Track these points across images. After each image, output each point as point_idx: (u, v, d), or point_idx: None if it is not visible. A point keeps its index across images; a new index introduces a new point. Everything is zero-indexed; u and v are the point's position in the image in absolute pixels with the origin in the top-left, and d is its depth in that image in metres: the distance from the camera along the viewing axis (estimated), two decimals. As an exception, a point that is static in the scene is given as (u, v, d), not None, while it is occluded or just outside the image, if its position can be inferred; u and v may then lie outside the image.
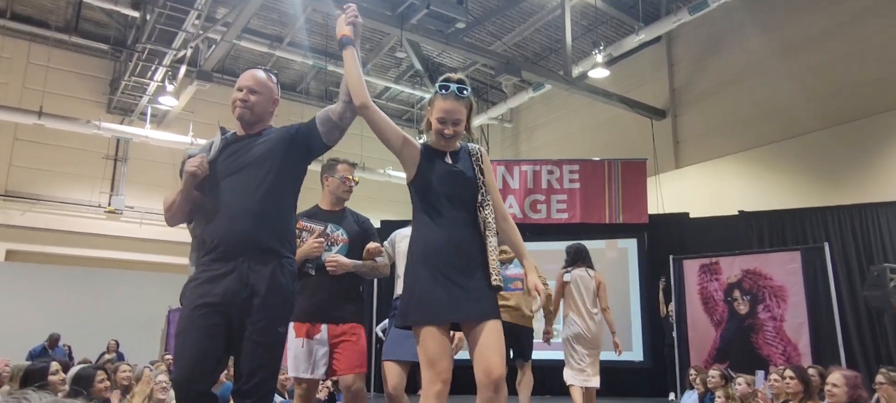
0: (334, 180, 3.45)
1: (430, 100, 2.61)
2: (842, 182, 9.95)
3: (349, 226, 3.40)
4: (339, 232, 3.36)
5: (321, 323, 3.22)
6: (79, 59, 13.83)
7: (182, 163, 2.54)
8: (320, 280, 3.22)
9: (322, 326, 3.22)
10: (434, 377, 2.31)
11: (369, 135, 11.75)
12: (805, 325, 7.62)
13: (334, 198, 3.45)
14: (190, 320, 2.24)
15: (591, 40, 12.05)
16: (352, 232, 3.38)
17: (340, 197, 3.44)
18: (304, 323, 3.21)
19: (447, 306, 2.38)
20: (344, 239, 3.36)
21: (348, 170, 3.51)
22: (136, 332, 12.47)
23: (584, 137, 14.37)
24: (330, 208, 3.46)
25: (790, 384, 4.30)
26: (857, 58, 10.06)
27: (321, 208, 3.47)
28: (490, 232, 2.52)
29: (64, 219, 13.32)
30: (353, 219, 3.48)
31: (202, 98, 13.56)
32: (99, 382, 3.65)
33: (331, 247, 3.31)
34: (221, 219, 2.37)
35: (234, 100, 2.62)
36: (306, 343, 3.17)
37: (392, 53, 14.17)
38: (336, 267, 3.21)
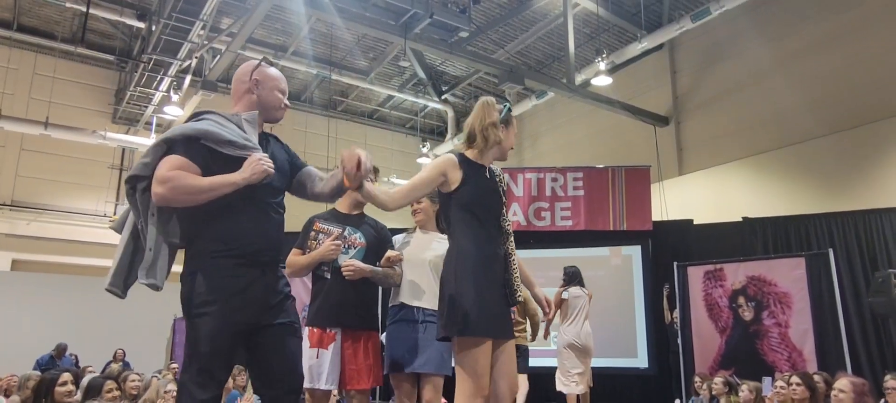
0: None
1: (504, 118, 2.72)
2: (845, 188, 9.94)
3: (367, 231, 3.32)
4: (356, 236, 3.28)
5: (336, 329, 3.13)
6: (85, 70, 13.94)
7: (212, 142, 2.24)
8: (335, 284, 3.14)
9: (336, 332, 3.13)
10: (477, 391, 2.33)
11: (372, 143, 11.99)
12: (810, 331, 7.61)
13: (353, 201, 3.34)
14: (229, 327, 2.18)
15: (594, 48, 12.10)
16: (369, 237, 3.30)
17: (359, 201, 3.30)
18: (317, 329, 3.13)
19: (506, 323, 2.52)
20: (361, 242, 3.28)
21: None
22: (142, 341, 12.50)
23: (587, 144, 14.40)
24: (348, 211, 3.37)
25: (796, 391, 4.30)
26: (859, 65, 10.08)
27: (339, 211, 3.38)
28: (512, 246, 2.64)
29: (69, 229, 13.38)
30: (371, 224, 3.39)
31: (207, 107, 13.56)
32: (107, 392, 3.66)
33: (347, 250, 3.22)
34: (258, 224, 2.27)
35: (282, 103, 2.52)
36: (320, 353, 3.08)
37: (396, 62, 14.25)
38: (354, 272, 3.12)
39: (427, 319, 3.26)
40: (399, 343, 3.25)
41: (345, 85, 15.27)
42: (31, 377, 4.85)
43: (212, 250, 2.20)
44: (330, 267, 3.15)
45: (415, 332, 3.24)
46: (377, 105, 16.84)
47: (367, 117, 17.21)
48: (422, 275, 3.33)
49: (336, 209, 3.38)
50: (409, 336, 3.24)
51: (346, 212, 3.36)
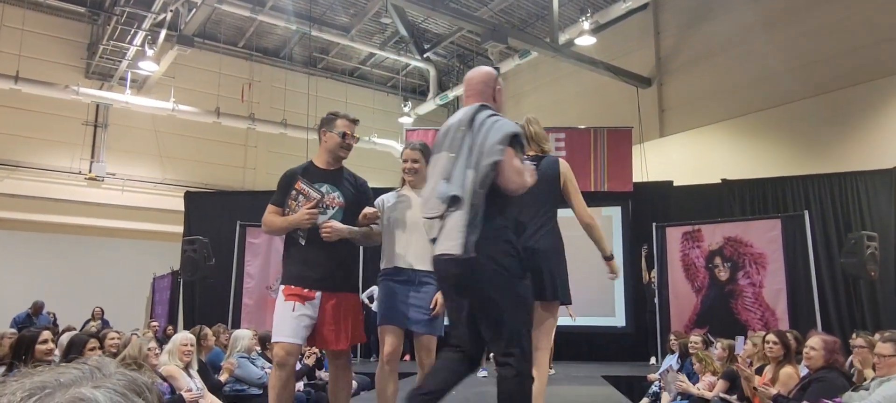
0: (333, 136, 3.16)
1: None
2: (822, 151, 10.08)
3: (346, 189, 3.14)
4: (335, 195, 3.10)
5: (316, 290, 3.00)
6: (55, 23, 13.50)
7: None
8: (314, 246, 3.02)
9: (316, 293, 3.00)
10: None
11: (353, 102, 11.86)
12: (783, 291, 7.79)
13: (332, 156, 3.17)
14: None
15: (578, 7, 11.99)
16: (348, 196, 3.13)
17: (338, 155, 3.16)
18: (297, 287, 3.00)
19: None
20: (340, 202, 3.10)
21: (348, 125, 3.21)
22: (121, 300, 12.43)
23: (570, 105, 14.38)
24: (326, 166, 3.17)
25: (773, 348, 4.40)
26: (839, 28, 10.11)
27: (316, 166, 3.18)
28: None
29: (44, 186, 13.13)
30: (351, 181, 3.20)
31: (183, 63, 13.35)
32: (89, 349, 3.64)
33: (326, 210, 3.06)
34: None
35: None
36: (297, 307, 2.95)
37: (377, 19, 14.00)
38: (332, 233, 2.98)
39: (423, 280, 3.17)
40: (393, 297, 3.19)
41: (325, 42, 15.00)
42: (6, 334, 4.82)
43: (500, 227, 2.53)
44: (305, 234, 3.03)
45: (407, 291, 3.18)
46: (358, 63, 16.60)
47: (348, 75, 16.98)
48: (415, 236, 3.19)
49: (314, 163, 3.20)
50: (404, 292, 3.18)
51: (325, 168, 3.17)
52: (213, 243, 8.58)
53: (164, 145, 14.37)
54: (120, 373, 0.65)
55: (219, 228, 9.16)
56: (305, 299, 2.97)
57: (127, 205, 13.80)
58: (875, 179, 8.42)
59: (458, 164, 2.49)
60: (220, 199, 11.36)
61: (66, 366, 0.64)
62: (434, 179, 2.58)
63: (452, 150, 2.54)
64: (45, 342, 3.47)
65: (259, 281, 8.88)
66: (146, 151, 14.31)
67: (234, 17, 13.88)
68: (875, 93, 9.60)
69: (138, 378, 0.66)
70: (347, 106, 15.58)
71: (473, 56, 15.80)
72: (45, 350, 3.48)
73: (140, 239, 13.68)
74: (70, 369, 0.64)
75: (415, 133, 10.65)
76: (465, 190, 2.43)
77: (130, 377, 0.65)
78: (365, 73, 17.00)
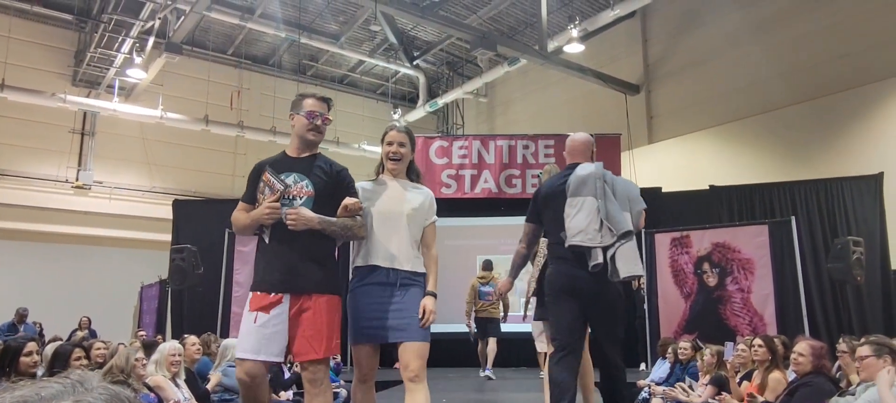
0: (300, 119, 2.78)
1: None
2: (809, 157, 10.18)
3: (317, 177, 2.75)
4: (303, 183, 2.72)
5: (283, 293, 2.63)
6: (42, 30, 13.41)
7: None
8: (281, 241, 2.66)
9: (284, 297, 2.62)
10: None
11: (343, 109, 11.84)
12: (771, 297, 7.84)
13: (301, 141, 2.80)
14: None
15: (567, 14, 12.06)
16: (319, 184, 2.74)
17: (308, 139, 2.78)
18: (263, 294, 2.64)
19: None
20: (309, 191, 2.72)
21: (317, 104, 2.80)
22: (108, 309, 12.32)
23: (559, 112, 14.43)
24: (297, 154, 2.81)
25: (758, 352, 4.43)
26: (824, 35, 10.23)
27: (287, 154, 2.84)
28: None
29: (30, 194, 13.01)
30: (325, 169, 2.80)
31: (172, 70, 13.29)
32: (75, 360, 3.59)
33: (292, 201, 2.69)
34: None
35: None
36: (259, 317, 2.60)
37: (366, 26, 14.01)
38: (296, 221, 2.60)
39: (404, 282, 2.81)
40: (367, 308, 2.77)
41: (314, 49, 14.99)
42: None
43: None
44: (269, 230, 2.71)
45: (388, 296, 2.77)
46: (348, 70, 16.60)
47: (338, 83, 16.96)
48: (397, 231, 2.83)
49: (286, 152, 2.87)
50: (380, 300, 2.77)
51: (295, 155, 2.82)
52: (202, 251, 8.52)
53: (152, 153, 14.29)
54: (102, 387, 0.65)
55: (207, 236, 9.10)
56: (270, 306, 2.61)
57: (114, 214, 13.70)
58: (860, 185, 8.51)
59: (611, 207, 3.24)
60: (208, 207, 11.29)
61: (47, 380, 0.64)
62: (586, 214, 3.26)
63: (598, 197, 3.27)
64: (29, 354, 3.41)
65: (248, 290, 8.82)
66: (134, 159, 14.22)
67: (222, 25, 13.84)
68: (860, 99, 9.72)
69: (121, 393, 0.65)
70: (337, 113, 15.55)
71: (463, 63, 15.85)
72: (30, 363, 3.43)
73: (128, 247, 13.57)
74: (52, 383, 0.63)
75: (404, 140, 10.63)
76: (632, 226, 3.26)
77: (113, 391, 0.65)
78: (354, 81, 17.00)
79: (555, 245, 3.43)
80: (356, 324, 2.80)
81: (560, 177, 3.55)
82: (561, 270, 3.36)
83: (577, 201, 3.31)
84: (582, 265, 3.24)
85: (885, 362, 3.15)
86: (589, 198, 3.29)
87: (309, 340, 2.59)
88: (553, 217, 3.43)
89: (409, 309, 2.77)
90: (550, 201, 3.48)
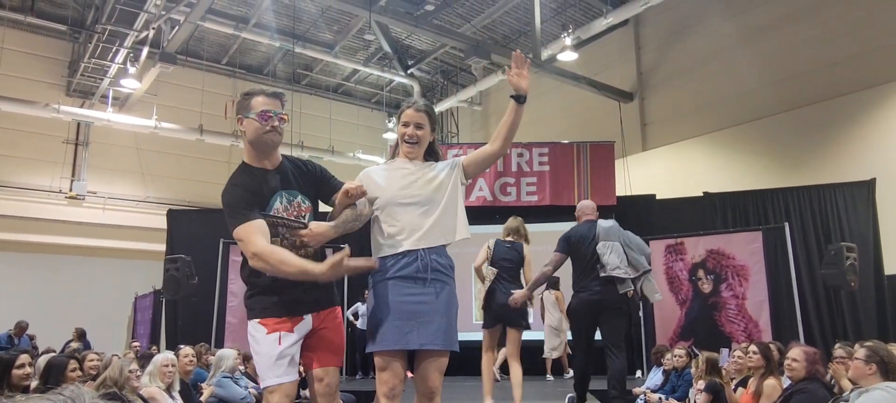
0: (251, 122, 2.37)
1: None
2: (802, 163, 10.23)
3: (299, 183, 2.45)
4: (298, 200, 2.44)
5: (305, 314, 2.39)
6: (36, 40, 13.40)
7: None
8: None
9: (307, 317, 2.40)
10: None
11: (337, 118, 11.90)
12: (765, 303, 7.85)
13: (258, 148, 2.39)
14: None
15: (560, 23, 12.12)
16: (308, 190, 2.47)
17: (265, 142, 2.37)
18: (284, 318, 2.35)
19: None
20: (307, 206, 2.46)
21: (268, 101, 2.38)
22: (102, 320, 12.26)
23: (553, 120, 14.47)
24: (261, 164, 2.40)
25: (753, 358, 4.44)
26: (818, 42, 10.31)
27: (252, 166, 2.41)
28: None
29: (24, 205, 12.96)
30: (299, 171, 2.48)
31: (166, 80, 13.28)
32: (70, 371, 3.56)
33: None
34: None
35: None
36: (285, 338, 2.33)
37: (361, 35, 14.05)
38: (315, 239, 2.33)
39: (435, 276, 2.45)
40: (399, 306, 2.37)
41: (309, 58, 15.01)
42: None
43: None
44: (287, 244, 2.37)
45: (421, 292, 2.41)
46: (342, 79, 16.62)
47: (332, 92, 16.98)
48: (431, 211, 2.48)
49: (247, 163, 2.43)
50: (413, 297, 2.39)
51: (260, 166, 2.41)
52: (196, 261, 8.49)
53: (146, 163, 14.26)
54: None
55: (202, 246, 9.06)
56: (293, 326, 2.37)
57: (108, 224, 13.65)
58: (853, 191, 8.55)
59: (630, 252, 4.69)
60: (203, 217, 11.24)
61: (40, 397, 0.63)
62: (617, 255, 4.59)
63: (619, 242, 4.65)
64: (21, 367, 3.38)
65: (243, 300, 8.79)
66: (128, 169, 14.18)
67: (217, 35, 13.85)
68: (852, 106, 9.78)
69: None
70: (332, 122, 15.58)
71: (457, 72, 15.88)
72: (22, 375, 3.40)
73: (121, 257, 13.52)
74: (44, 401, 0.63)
75: (399, 149, 10.64)
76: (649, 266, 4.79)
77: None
78: (349, 90, 17.02)
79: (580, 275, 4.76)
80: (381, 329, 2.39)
81: (588, 226, 4.82)
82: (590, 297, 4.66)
83: (607, 245, 4.59)
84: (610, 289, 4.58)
85: (870, 370, 3.19)
86: (616, 243, 4.60)
87: (332, 350, 2.45)
88: (582, 253, 4.72)
89: (441, 310, 2.43)
90: (581, 243, 4.72)
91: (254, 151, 2.41)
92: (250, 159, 2.43)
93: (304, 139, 13.62)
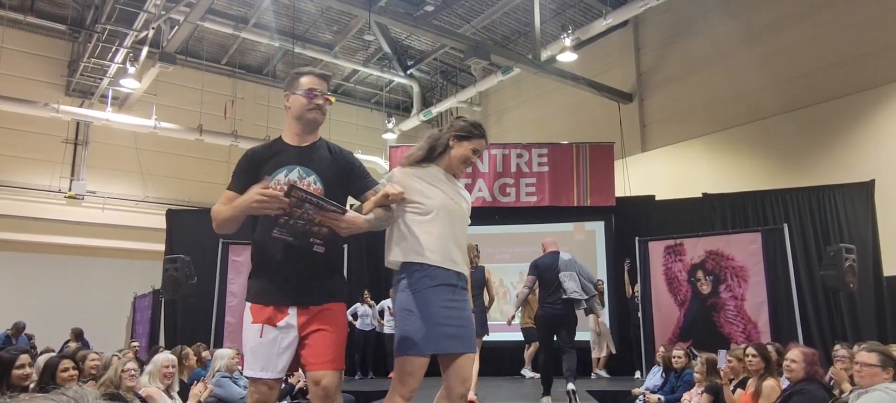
0: (297, 99, 2.44)
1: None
2: (801, 165, 10.24)
3: (323, 168, 2.41)
4: (310, 179, 2.39)
5: (289, 306, 2.31)
6: (35, 40, 13.39)
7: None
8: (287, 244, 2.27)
9: (290, 310, 2.30)
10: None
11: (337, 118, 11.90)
12: (765, 304, 7.86)
13: (301, 124, 2.44)
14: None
15: (560, 24, 12.13)
16: (328, 175, 2.41)
17: (308, 120, 2.43)
18: (267, 306, 2.31)
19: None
20: (318, 188, 2.36)
21: (316, 81, 2.46)
22: (101, 320, 12.25)
23: (552, 121, 14.48)
24: (296, 141, 2.44)
25: (752, 361, 4.44)
26: (816, 45, 10.32)
27: (284, 141, 2.46)
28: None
29: (23, 205, 12.95)
30: (329, 156, 2.46)
31: (165, 80, 13.28)
32: (63, 371, 3.55)
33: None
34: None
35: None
36: (266, 331, 2.28)
37: (360, 36, 14.05)
38: (351, 228, 2.26)
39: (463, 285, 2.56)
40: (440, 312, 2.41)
41: (308, 58, 14.98)
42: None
43: None
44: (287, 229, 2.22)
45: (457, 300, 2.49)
46: (342, 79, 16.62)
47: (332, 92, 16.88)
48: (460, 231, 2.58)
49: (282, 139, 2.49)
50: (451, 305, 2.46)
51: (294, 144, 2.44)
52: (196, 261, 8.48)
53: (145, 163, 14.25)
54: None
55: (201, 246, 9.06)
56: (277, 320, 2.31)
57: (107, 224, 13.63)
58: (852, 192, 8.56)
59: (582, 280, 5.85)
60: (202, 217, 11.20)
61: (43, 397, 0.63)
62: (574, 282, 5.78)
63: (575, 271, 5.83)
64: (21, 367, 3.37)
65: (242, 300, 8.76)
66: (127, 169, 14.17)
67: (216, 35, 13.85)
68: (851, 107, 9.79)
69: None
70: (331, 122, 15.57)
71: (456, 72, 15.88)
72: (22, 375, 3.39)
73: (121, 257, 13.51)
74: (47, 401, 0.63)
75: (398, 149, 10.65)
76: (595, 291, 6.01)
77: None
78: (348, 90, 17.02)
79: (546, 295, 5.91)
80: (431, 330, 2.39)
81: (551, 257, 5.99)
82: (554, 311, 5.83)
83: (567, 274, 5.80)
84: (570, 308, 5.81)
85: (888, 374, 3.15)
86: (573, 272, 5.81)
87: (326, 350, 2.31)
88: (547, 278, 5.90)
89: (469, 316, 2.56)
90: (547, 270, 5.91)
91: (293, 127, 2.46)
92: (287, 136, 2.47)
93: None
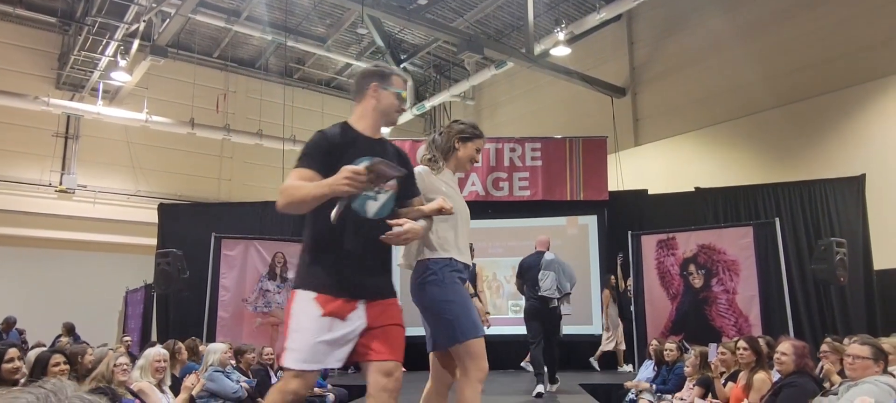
0: (388, 96, 2.44)
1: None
2: (792, 159, 10.29)
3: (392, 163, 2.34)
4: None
5: (358, 300, 2.27)
6: (25, 32, 13.26)
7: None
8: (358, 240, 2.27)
9: (359, 303, 2.27)
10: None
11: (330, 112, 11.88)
12: (756, 298, 7.90)
13: (384, 120, 2.46)
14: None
15: (553, 18, 12.10)
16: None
17: (393, 119, 2.50)
18: (336, 298, 2.23)
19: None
20: (393, 185, 2.37)
21: (403, 85, 2.55)
22: (93, 314, 12.20)
23: (546, 115, 14.49)
24: (370, 133, 2.42)
25: (743, 354, 4.46)
26: (808, 39, 10.35)
27: (356, 130, 2.42)
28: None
29: (13, 199, 12.86)
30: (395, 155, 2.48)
31: (156, 73, 13.20)
32: (54, 366, 3.53)
33: (376, 195, 2.31)
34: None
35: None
36: (334, 324, 2.21)
37: (353, 29, 13.99)
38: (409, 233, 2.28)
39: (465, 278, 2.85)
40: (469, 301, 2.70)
41: (301, 52, 14.94)
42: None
43: None
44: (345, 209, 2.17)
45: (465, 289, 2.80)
46: (335, 73, 16.56)
47: (325, 85, 16.92)
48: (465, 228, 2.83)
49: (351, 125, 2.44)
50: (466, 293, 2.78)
51: (368, 135, 2.42)
52: (188, 255, 8.46)
53: (137, 157, 14.17)
54: (77, 397, 0.64)
55: (193, 240, 9.03)
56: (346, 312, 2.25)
57: (99, 218, 13.56)
58: (843, 187, 8.60)
59: (562, 279, 6.30)
60: (194, 211, 11.21)
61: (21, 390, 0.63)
62: (551, 281, 6.25)
63: (556, 271, 6.30)
64: (11, 360, 3.35)
65: (234, 294, 8.77)
66: (119, 163, 14.09)
67: (208, 28, 13.77)
68: (842, 102, 9.83)
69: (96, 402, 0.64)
70: (324, 116, 15.52)
71: (450, 66, 15.86)
72: (12, 369, 3.37)
73: (112, 252, 13.44)
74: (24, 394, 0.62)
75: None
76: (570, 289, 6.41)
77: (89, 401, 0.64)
78: (341, 84, 16.96)
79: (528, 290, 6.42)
80: (470, 317, 2.59)
81: (536, 255, 6.49)
82: (533, 305, 6.35)
83: (546, 273, 6.29)
84: (545, 303, 6.29)
85: (879, 367, 3.19)
86: (552, 273, 6.28)
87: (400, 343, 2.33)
88: (530, 276, 6.40)
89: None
90: (529, 269, 6.43)
91: (370, 118, 2.45)
92: (361, 125, 2.44)
93: (297, 133, 13.55)
